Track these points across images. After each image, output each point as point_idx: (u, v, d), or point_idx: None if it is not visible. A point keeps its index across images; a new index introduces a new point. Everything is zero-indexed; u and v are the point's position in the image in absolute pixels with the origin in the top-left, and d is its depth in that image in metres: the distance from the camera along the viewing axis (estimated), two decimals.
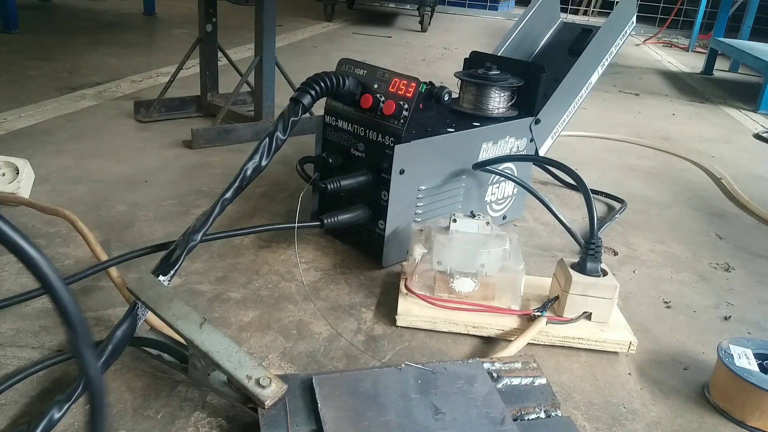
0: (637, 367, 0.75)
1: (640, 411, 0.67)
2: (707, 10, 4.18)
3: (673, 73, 3.20)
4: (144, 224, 0.99)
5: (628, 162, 1.57)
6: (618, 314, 0.80)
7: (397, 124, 0.84)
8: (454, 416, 0.56)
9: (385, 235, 0.88)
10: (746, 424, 0.65)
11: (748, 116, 2.27)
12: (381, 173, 0.86)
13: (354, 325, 0.78)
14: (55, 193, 1.08)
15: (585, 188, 0.82)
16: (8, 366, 0.65)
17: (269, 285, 0.85)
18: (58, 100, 1.67)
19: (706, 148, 1.77)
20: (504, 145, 1.01)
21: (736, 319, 0.87)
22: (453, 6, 5.50)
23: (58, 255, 0.87)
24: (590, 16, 5.60)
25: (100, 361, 0.58)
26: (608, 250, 1.05)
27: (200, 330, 0.57)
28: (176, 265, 0.67)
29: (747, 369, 0.66)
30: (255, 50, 1.47)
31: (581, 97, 1.14)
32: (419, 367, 0.62)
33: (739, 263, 1.05)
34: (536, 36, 1.25)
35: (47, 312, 0.74)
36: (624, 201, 1.24)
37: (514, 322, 0.77)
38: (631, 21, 1.16)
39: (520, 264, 0.78)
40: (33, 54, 2.16)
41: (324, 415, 0.54)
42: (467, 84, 1.03)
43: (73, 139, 1.37)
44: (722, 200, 1.36)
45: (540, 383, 0.63)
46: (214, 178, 1.21)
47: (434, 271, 0.78)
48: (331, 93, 0.86)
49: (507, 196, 1.09)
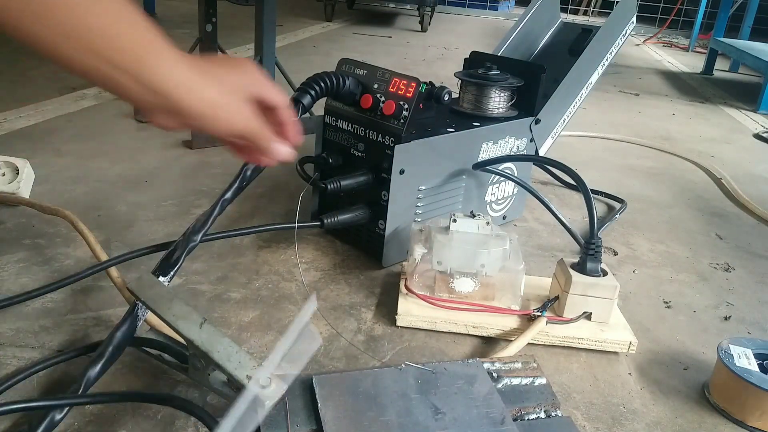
0: (637, 367, 0.75)
1: (640, 411, 0.67)
2: (707, 10, 4.18)
3: (673, 73, 3.20)
4: (144, 224, 0.99)
5: (628, 162, 1.57)
6: (618, 314, 0.80)
7: (397, 124, 0.84)
8: (454, 416, 0.56)
9: (385, 235, 0.88)
10: (746, 424, 0.65)
11: (748, 116, 2.27)
12: (381, 173, 0.86)
13: (354, 325, 0.78)
14: (55, 193, 1.08)
15: (585, 188, 0.82)
16: (8, 366, 0.65)
17: (269, 285, 0.85)
18: (58, 100, 1.67)
19: (706, 148, 1.77)
20: (504, 145, 1.01)
21: (736, 319, 0.87)
22: (453, 6, 5.49)
23: (58, 255, 0.88)
24: (590, 16, 5.60)
25: (101, 362, 0.58)
26: (608, 250, 1.05)
27: (200, 330, 0.57)
28: (176, 265, 0.67)
29: (747, 369, 0.66)
30: (255, 50, 1.47)
31: (581, 97, 1.14)
32: (419, 367, 0.62)
33: (739, 263, 1.05)
34: (536, 36, 1.25)
35: (47, 312, 0.74)
36: (624, 201, 1.24)
37: (514, 322, 0.77)
38: (631, 21, 1.16)
39: (520, 264, 0.78)
40: (33, 54, 2.16)
41: (324, 415, 0.54)
42: (467, 84, 1.03)
43: (73, 139, 1.37)
44: (722, 200, 1.36)
45: (540, 383, 0.63)
46: (214, 178, 1.21)
47: (434, 271, 0.78)
48: (331, 93, 0.86)
49: (507, 196, 1.09)
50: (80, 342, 0.69)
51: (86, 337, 0.71)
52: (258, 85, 0.54)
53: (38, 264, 0.85)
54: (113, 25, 0.44)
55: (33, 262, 0.85)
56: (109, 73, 0.45)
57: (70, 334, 0.71)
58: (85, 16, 0.43)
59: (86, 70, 0.45)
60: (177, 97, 0.47)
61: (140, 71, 0.46)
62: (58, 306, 0.76)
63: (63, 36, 0.43)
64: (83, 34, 0.43)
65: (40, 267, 0.84)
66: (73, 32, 0.43)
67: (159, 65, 0.46)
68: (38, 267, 0.84)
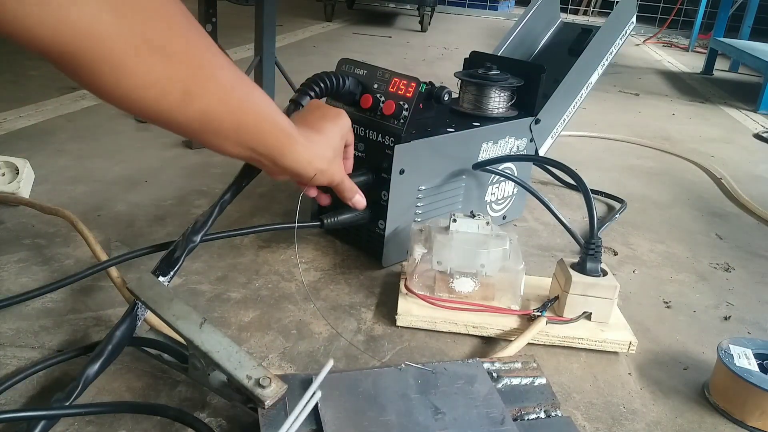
0: (637, 367, 0.75)
1: (640, 411, 0.67)
2: (707, 10, 4.18)
3: (673, 73, 3.20)
4: (144, 224, 0.99)
5: (628, 162, 1.57)
6: (618, 314, 0.80)
7: (397, 124, 0.84)
8: (454, 416, 0.56)
9: (385, 235, 0.88)
10: (746, 424, 0.65)
11: (748, 116, 2.27)
12: (381, 173, 0.86)
13: (354, 325, 0.78)
14: (55, 193, 1.08)
15: (585, 188, 0.82)
16: (8, 366, 0.65)
17: (269, 285, 0.85)
18: (58, 100, 1.67)
19: (706, 148, 1.77)
20: (504, 145, 1.01)
21: (736, 319, 0.87)
22: (453, 6, 5.50)
23: (58, 255, 0.88)
24: (590, 16, 5.60)
25: (99, 361, 0.58)
26: (608, 250, 1.05)
27: (200, 330, 0.57)
28: (176, 265, 0.67)
29: (747, 369, 0.66)
30: (255, 50, 1.47)
31: (581, 97, 1.14)
32: (419, 367, 0.62)
33: (739, 263, 1.05)
34: (536, 36, 1.25)
35: (47, 312, 0.74)
36: (624, 201, 1.24)
37: (514, 322, 0.77)
38: (631, 21, 1.16)
39: (520, 264, 0.78)
40: (33, 54, 2.16)
41: (324, 415, 0.54)
42: (467, 84, 1.03)
43: (73, 139, 1.37)
44: (722, 200, 1.36)
45: (540, 383, 0.63)
46: (214, 178, 1.21)
47: (434, 271, 0.78)
48: (331, 93, 0.86)
49: (507, 196, 1.09)
50: (80, 342, 0.69)
51: (86, 337, 0.71)
52: (348, 133, 0.75)
53: (38, 264, 0.85)
54: (259, 124, 0.59)
55: (33, 262, 0.85)
56: (249, 156, 0.61)
57: (70, 334, 0.71)
58: (238, 115, 0.55)
59: (231, 154, 0.59)
60: (301, 171, 0.67)
61: (276, 158, 0.63)
62: (58, 306, 0.76)
63: (222, 138, 0.57)
64: (236, 133, 0.57)
65: (40, 267, 0.84)
66: (230, 132, 0.57)
67: (291, 151, 0.64)
68: (38, 267, 0.84)
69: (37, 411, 0.54)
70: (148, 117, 0.50)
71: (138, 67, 0.44)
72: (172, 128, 0.53)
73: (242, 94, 0.55)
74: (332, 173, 0.72)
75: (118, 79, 0.44)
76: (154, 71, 0.46)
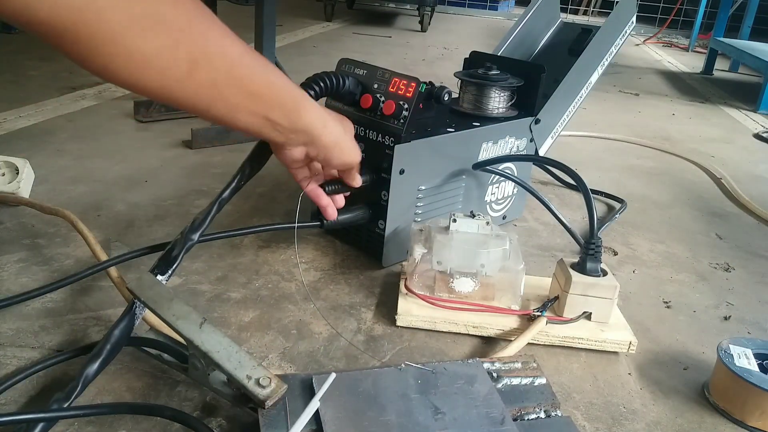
0: (637, 367, 0.75)
1: (640, 411, 0.67)
2: (707, 10, 4.18)
3: (673, 73, 3.20)
4: (144, 224, 0.99)
5: (628, 162, 1.57)
6: (618, 314, 0.80)
7: (397, 124, 0.84)
8: (454, 416, 0.56)
9: (385, 235, 0.88)
10: (746, 424, 0.65)
11: (748, 116, 2.27)
12: (381, 173, 0.86)
13: (354, 325, 0.78)
14: (55, 193, 1.08)
15: (585, 188, 0.82)
16: (8, 366, 0.65)
17: (269, 285, 0.85)
18: (58, 100, 1.67)
19: (706, 148, 1.77)
20: (504, 145, 1.01)
21: (736, 319, 0.87)
22: (453, 6, 5.49)
23: (58, 255, 0.88)
24: (590, 16, 5.60)
25: (98, 360, 0.58)
26: (608, 250, 1.05)
27: (200, 330, 0.57)
28: (174, 264, 0.67)
29: (747, 369, 0.66)
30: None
31: (581, 97, 1.14)
32: (419, 367, 0.62)
33: (739, 263, 1.05)
34: (536, 36, 1.25)
35: (47, 312, 0.74)
36: (624, 201, 1.24)
37: (514, 322, 0.77)
38: (631, 21, 1.16)
39: (520, 264, 0.78)
40: (33, 54, 2.16)
41: (324, 415, 0.54)
42: (467, 84, 1.03)
43: (73, 139, 1.37)
44: (722, 200, 1.36)
45: (540, 383, 0.63)
46: (214, 178, 1.21)
47: (434, 271, 0.78)
48: (331, 93, 0.86)
49: (507, 196, 1.09)
50: (80, 342, 0.69)
51: (86, 337, 0.71)
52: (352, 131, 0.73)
53: (38, 264, 0.85)
54: (272, 88, 0.57)
55: (33, 262, 0.85)
56: (262, 125, 0.59)
57: (69, 334, 0.71)
58: (248, 83, 0.55)
59: (243, 125, 0.57)
60: (317, 132, 0.63)
61: (293, 119, 0.60)
62: (58, 306, 0.76)
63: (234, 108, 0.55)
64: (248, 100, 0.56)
65: (40, 267, 0.84)
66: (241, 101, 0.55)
67: (306, 108, 0.62)
68: (38, 267, 0.84)
69: (36, 413, 0.54)
70: (155, 93, 0.48)
71: (139, 40, 0.43)
72: (180, 104, 0.51)
73: (251, 61, 0.54)
74: (349, 148, 0.69)
75: (120, 54, 0.43)
76: (156, 43, 0.44)
